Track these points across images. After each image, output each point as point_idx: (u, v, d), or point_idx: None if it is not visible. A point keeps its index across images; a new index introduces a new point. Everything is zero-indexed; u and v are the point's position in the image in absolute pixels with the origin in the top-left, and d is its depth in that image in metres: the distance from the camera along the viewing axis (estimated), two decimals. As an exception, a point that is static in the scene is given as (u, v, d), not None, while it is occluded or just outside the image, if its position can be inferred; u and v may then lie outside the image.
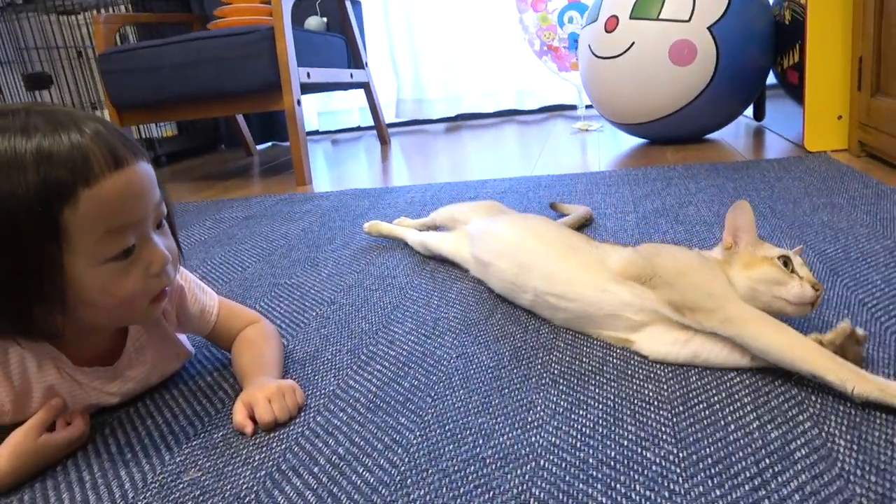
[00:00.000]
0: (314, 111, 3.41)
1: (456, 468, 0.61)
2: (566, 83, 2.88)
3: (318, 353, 0.87)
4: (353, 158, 2.62)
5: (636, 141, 2.26)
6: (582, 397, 0.70)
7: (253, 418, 0.71)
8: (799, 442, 0.59)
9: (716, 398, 0.67)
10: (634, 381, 0.72)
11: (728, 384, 0.69)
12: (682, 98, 1.92)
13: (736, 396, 0.67)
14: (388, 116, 3.16)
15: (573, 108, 3.22)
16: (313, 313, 1.02)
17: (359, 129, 3.47)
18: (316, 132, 3.48)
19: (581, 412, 0.67)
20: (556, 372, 0.76)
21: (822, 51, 1.66)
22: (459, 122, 3.35)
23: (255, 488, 0.61)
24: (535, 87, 3.22)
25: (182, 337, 0.84)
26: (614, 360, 0.77)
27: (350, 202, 1.76)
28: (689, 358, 0.73)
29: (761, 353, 0.69)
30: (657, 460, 0.59)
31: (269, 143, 3.36)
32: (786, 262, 0.74)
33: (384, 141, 2.88)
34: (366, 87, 2.71)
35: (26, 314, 0.62)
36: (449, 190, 1.78)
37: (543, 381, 0.74)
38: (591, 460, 0.59)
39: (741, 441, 0.60)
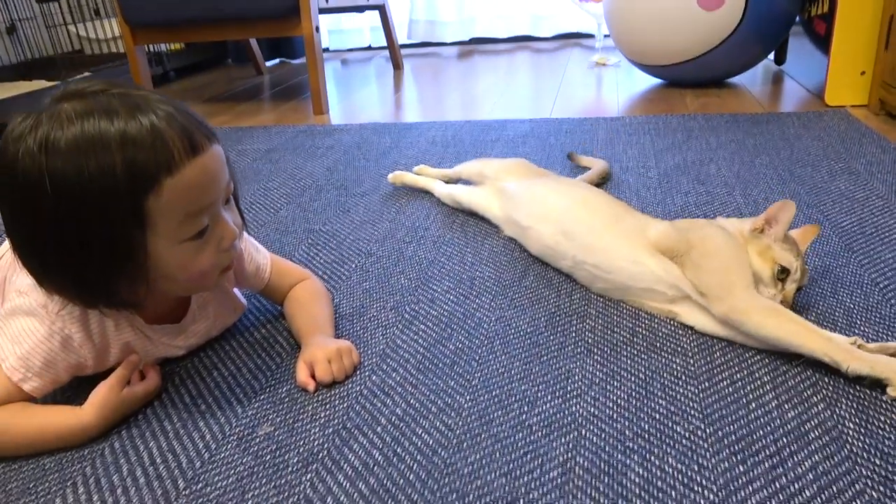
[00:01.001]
0: (324, 29, 3.32)
1: (505, 434, 0.68)
2: (586, 16, 2.81)
3: (363, 309, 0.93)
4: (366, 84, 2.60)
5: (654, 80, 2.25)
6: (616, 368, 0.77)
7: (314, 376, 0.77)
8: (813, 423, 0.66)
9: (738, 375, 0.74)
10: (663, 354, 0.79)
11: (749, 362, 0.76)
12: (707, 43, 1.91)
13: (756, 375, 0.74)
14: (400, 37, 3.09)
15: (589, 37, 3.16)
16: (352, 265, 1.07)
17: (370, 48, 3.40)
18: (326, 50, 3.40)
19: (616, 383, 0.74)
20: (590, 341, 0.82)
21: (853, 5, 1.65)
22: (472, 45, 3.29)
23: (326, 445, 0.68)
24: (551, 12, 3.14)
25: (236, 290, 0.90)
26: (643, 332, 0.83)
27: (371, 138, 1.78)
28: (729, 334, 0.80)
29: (764, 340, 0.76)
30: (687, 434, 0.66)
31: (278, 60, 3.30)
32: (782, 269, 0.81)
33: (397, 66, 2.83)
34: (381, 9, 2.65)
35: (113, 289, 0.67)
36: (469, 130, 1.79)
37: (579, 350, 0.80)
38: (627, 432, 0.67)
39: (761, 420, 0.67)
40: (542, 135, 1.69)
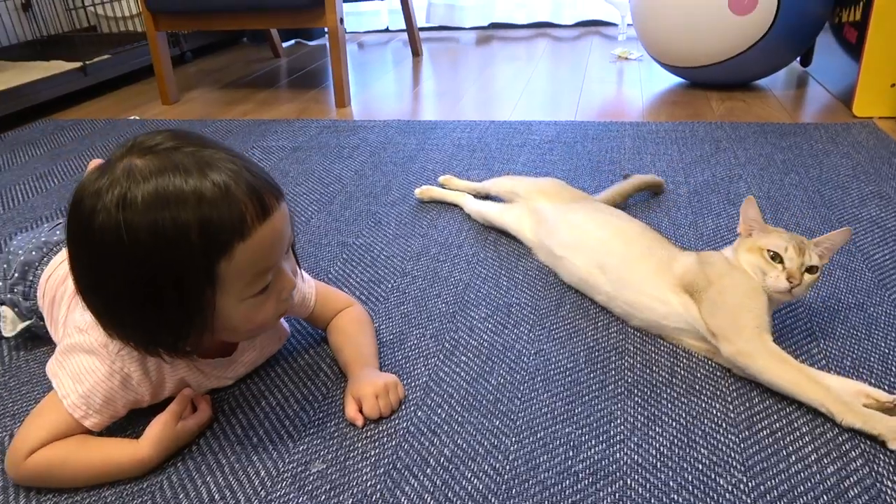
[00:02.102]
0: (341, 9, 3.28)
1: (553, 481, 0.70)
2: (608, 6, 2.78)
3: (403, 336, 0.95)
4: (384, 73, 2.58)
5: (677, 79, 2.24)
6: (656, 412, 0.79)
7: (361, 411, 0.79)
8: (852, 480, 0.68)
9: (777, 425, 0.76)
10: (702, 397, 0.81)
11: (787, 410, 0.78)
12: (735, 47, 1.89)
13: (795, 425, 0.76)
14: (418, 20, 3.05)
15: (610, 25, 3.12)
16: (388, 285, 1.08)
17: (387, 31, 3.36)
18: (341, 31, 3.36)
19: (657, 429, 0.76)
20: (629, 381, 0.84)
21: (888, 16, 1.63)
22: (490, 31, 3.25)
23: (379, 486, 0.70)
24: (573, -1, 3.10)
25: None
26: (682, 373, 0.85)
27: (396, 139, 1.77)
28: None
29: (767, 384, 0.80)
30: (729, 488, 0.68)
31: (293, 41, 3.26)
32: (774, 255, 0.84)
33: (416, 52, 2.81)
34: (402, -5, 2.61)
35: (179, 341, 0.68)
36: (494, 132, 1.79)
37: (619, 391, 0.82)
38: (671, 483, 0.69)
39: (802, 474, 0.69)
40: (568, 140, 1.69)
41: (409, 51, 2.88)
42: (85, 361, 0.72)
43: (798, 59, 2.30)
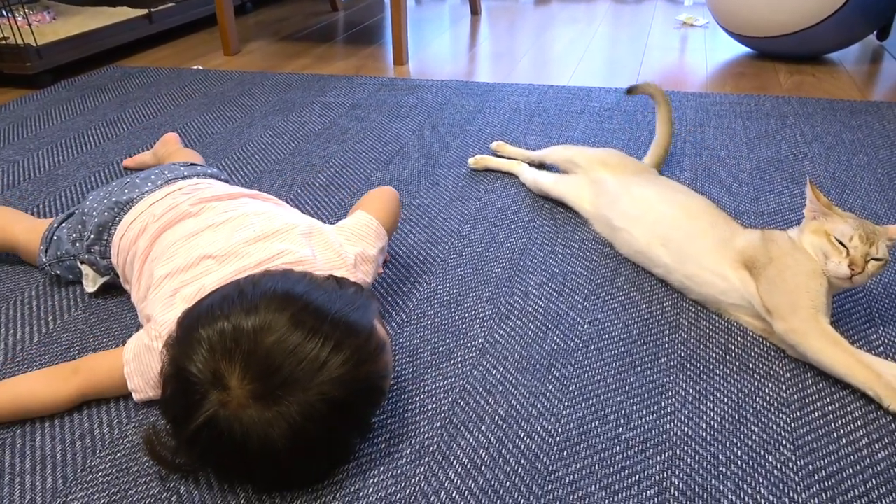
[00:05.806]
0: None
1: (604, 446, 0.73)
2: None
3: (460, 298, 0.98)
4: (442, 31, 2.56)
5: (743, 48, 2.17)
6: (708, 387, 0.80)
7: None
8: (903, 467, 0.69)
9: (829, 408, 0.77)
10: (755, 376, 0.82)
11: (840, 394, 0.78)
12: (810, 18, 1.82)
13: (848, 409, 0.76)
14: (478, -22, 3.00)
15: (675, -12, 3.02)
16: (446, 247, 1.11)
17: (445, -13, 3.31)
18: (399, -15, 3.33)
19: (709, 403, 0.78)
20: (682, 355, 0.85)
21: (980, -8, 1.54)
22: (550, -10, 3.18)
23: (436, 439, 0.74)
24: (638, -41, 3.00)
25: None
26: (736, 350, 0.86)
27: (454, 99, 1.78)
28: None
29: (817, 364, 0.80)
30: (778, 465, 0.70)
31: (351, -6, 3.25)
32: (838, 240, 0.84)
33: (475, 11, 2.77)
34: (464, -49, 2.57)
35: None
36: (552, 97, 1.77)
37: (672, 364, 0.84)
38: (720, 457, 0.71)
39: (852, 457, 0.70)
40: (629, 109, 1.67)
41: (467, 9, 2.85)
42: (148, 359, 0.75)
43: (875, 32, 2.20)
